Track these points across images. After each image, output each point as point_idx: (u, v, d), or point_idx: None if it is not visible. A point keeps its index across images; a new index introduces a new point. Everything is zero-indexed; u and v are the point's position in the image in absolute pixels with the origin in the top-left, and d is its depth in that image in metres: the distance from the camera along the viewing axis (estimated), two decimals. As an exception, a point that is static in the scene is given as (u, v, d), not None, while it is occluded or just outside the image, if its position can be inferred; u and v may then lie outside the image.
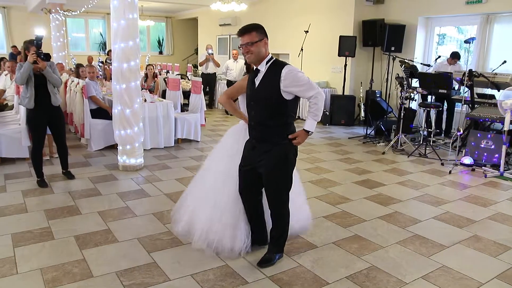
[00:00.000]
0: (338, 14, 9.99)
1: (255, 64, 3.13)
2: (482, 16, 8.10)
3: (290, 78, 2.99)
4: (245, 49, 3.05)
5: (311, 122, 3.09)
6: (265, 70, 3.09)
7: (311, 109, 3.08)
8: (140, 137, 6.00)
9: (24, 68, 4.71)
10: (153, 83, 8.97)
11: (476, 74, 6.77)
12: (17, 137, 5.99)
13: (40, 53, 4.76)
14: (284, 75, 2.99)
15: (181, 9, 16.98)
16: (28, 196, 4.84)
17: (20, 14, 15.38)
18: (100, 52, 17.10)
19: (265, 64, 3.09)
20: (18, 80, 4.77)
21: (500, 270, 3.39)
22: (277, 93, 3.01)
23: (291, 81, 2.99)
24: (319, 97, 3.04)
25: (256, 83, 3.13)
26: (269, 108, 3.08)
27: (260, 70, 3.11)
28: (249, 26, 3.07)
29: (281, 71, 3.00)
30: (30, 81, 4.82)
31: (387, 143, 7.67)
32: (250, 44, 3.02)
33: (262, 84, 3.09)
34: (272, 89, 3.03)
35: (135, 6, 5.53)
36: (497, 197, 5.13)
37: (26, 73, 4.72)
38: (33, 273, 3.21)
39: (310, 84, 3.02)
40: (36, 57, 4.71)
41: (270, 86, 3.04)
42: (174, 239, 3.82)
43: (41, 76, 4.87)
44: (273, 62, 3.10)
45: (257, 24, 3.10)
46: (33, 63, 4.72)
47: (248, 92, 3.25)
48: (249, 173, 3.30)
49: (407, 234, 4.03)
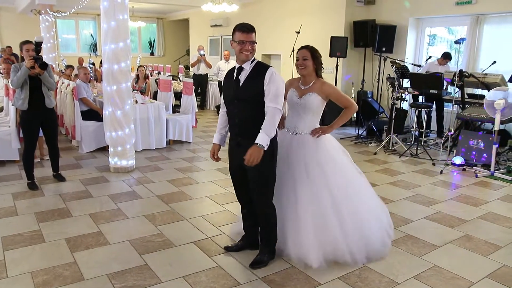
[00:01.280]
0: (329, 15, 10.02)
1: (242, 62, 3.14)
2: (472, 17, 8.16)
3: (270, 78, 3.04)
4: (248, 46, 3.07)
5: (262, 136, 3.00)
6: (249, 69, 3.13)
7: (265, 122, 3.03)
8: (132, 139, 5.97)
9: (21, 72, 4.67)
10: (144, 84, 8.93)
11: (466, 74, 6.82)
12: (7, 139, 5.94)
13: (38, 59, 4.72)
14: (268, 75, 3.04)
15: (172, 10, 16.93)
16: (19, 198, 4.79)
17: (10, 15, 15.24)
18: (91, 54, 17.00)
19: (249, 63, 3.13)
20: (14, 83, 4.73)
21: (491, 270, 3.41)
22: (261, 92, 3.06)
23: (269, 81, 3.04)
24: (274, 112, 3.01)
25: (241, 80, 3.14)
26: (253, 106, 3.10)
27: (244, 68, 3.14)
28: (252, 27, 3.12)
29: (266, 71, 3.06)
30: (25, 83, 4.79)
31: (378, 144, 7.70)
32: (253, 43, 3.08)
33: (247, 82, 3.12)
34: (256, 88, 3.07)
35: (125, 7, 5.50)
36: (488, 196, 5.16)
37: (22, 78, 4.69)
38: (23, 276, 3.18)
39: (277, 97, 3.03)
40: (33, 62, 4.67)
41: (254, 85, 3.08)
42: (165, 241, 3.80)
43: (36, 78, 4.84)
44: (257, 63, 3.16)
45: (253, 26, 3.16)
46: (30, 68, 4.68)
47: (231, 91, 3.23)
48: (237, 170, 3.32)
49: (399, 234, 4.04)
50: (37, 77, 4.84)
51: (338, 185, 3.42)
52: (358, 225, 3.42)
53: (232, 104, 3.22)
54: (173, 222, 4.25)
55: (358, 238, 3.40)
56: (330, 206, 3.35)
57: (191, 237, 3.90)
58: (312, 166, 3.39)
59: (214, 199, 4.93)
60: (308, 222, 3.33)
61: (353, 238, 3.38)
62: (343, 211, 3.38)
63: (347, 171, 3.58)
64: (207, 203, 4.82)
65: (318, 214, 3.34)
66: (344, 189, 3.44)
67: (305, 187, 3.37)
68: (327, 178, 3.40)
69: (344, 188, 3.45)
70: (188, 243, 3.77)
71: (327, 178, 3.39)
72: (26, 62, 4.68)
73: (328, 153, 3.50)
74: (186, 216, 4.40)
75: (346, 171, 3.57)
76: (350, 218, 3.39)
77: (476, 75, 6.96)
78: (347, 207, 3.40)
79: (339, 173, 3.49)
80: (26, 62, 4.67)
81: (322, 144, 3.49)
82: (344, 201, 3.40)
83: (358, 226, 3.41)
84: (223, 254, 3.58)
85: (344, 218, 3.37)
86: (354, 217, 3.41)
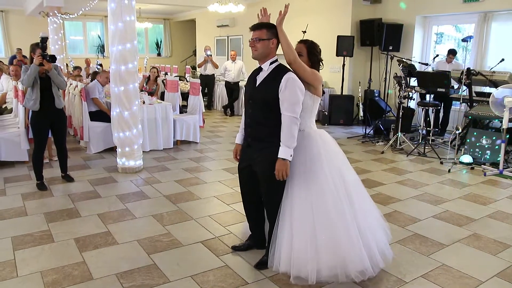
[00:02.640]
0: (336, 14, 10.01)
1: (259, 61, 3.15)
2: (480, 15, 8.11)
3: (286, 84, 2.97)
4: (251, 43, 3.09)
5: (283, 149, 2.98)
6: (267, 70, 3.11)
7: (282, 133, 2.99)
8: (139, 139, 6.00)
9: (30, 70, 4.76)
10: (155, 86, 8.96)
11: (474, 72, 6.78)
12: (17, 141, 6.00)
13: (46, 55, 4.80)
14: (284, 81, 2.98)
15: (179, 11, 16.99)
16: (28, 199, 4.84)
17: (18, 17, 15.38)
18: (98, 55, 17.10)
19: (268, 64, 3.10)
20: (24, 82, 4.82)
21: (500, 268, 3.39)
22: (275, 96, 3.02)
23: (285, 88, 2.97)
24: (291, 121, 2.96)
25: (258, 81, 3.14)
26: (267, 108, 3.08)
27: (263, 69, 3.13)
28: (262, 24, 3.10)
29: (283, 76, 3.00)
30: (36, 84, 4.87)
31: (386, 143, 7.68)
32: (257, 40, 3.05)
33: (262, 84, 3.11)
34: (271, 92, 3.03)
35: (132, 8, 5.54)
36: (496, 195, 5.13)
37: (32, 75, 4.77)
38: (33, 276, 3.21)
39: (294, 105, 2.97)
40: (42, 59, 4.75)
41: (270, 89, 3.05)
42: (173, 240, 3.82)
43: (47, 78, 4.92)
44: (277, 66, 3.10)
45: (270, 24, 3.12)
46: (39, 65, 4.76)
47: (248, 90, 3.25)
48: (246, 171, 3.33)
49: (407, 233, 4.03)
50: (47, 78, 4.91)
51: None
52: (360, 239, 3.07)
53: (248, 104, 3.24)
54: (180, 222, 4.27)
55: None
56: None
57: (198, 236, 3.92)
58: (315, 169, 3.17)
59: (221, 199, 4.95)
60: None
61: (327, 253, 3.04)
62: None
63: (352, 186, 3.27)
64: (215, 203, 4.84)
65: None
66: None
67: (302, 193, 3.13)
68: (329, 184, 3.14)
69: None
70: (196, 243, 3.79)
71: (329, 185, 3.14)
72: (34, 60, 4.77)
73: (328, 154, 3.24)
74: (193, 216, 4.42)
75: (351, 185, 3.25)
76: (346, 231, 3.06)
77: (484, 73, 6.91)
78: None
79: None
80: (35, 59, 4.76)
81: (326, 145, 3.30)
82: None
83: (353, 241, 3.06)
84: (230, 254, 3.59)
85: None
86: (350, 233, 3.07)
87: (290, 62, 3.07)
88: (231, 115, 11.20)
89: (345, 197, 3.10)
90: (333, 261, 3.03)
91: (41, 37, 4.85)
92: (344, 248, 3.01)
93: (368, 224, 3.19)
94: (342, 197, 3.08)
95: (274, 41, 3.08)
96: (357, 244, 3.02)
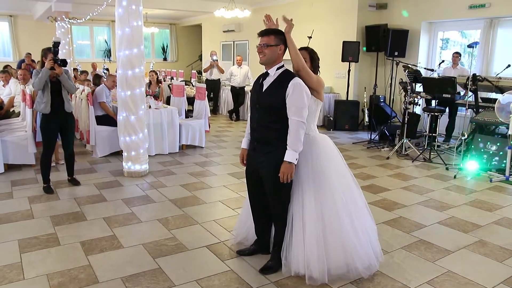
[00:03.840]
0: (341, 19, 10.03)
1: (266, 66, 3.18)
2: (486, 21, 8.11)
3: (293, 89, 3.02)
4: (259, 49, 3.13)
5: (290, 152, 3.03)
6: (274, 76, 3.14)
7: (289, 137, 3.05)
8: (145, 144, 6.03)
9: (42, 73, 4.82)
10: (157, 89, 9.01)
11: (480, 78, 6.77)
12: (24, 144, 6.05)
13: (57, 59, 4.87)
14: (291, 86, 3.03)
15: (185, 16, 17.08)
16: (35, 202, 4.88)
17: (27, 22, 15.53)
18: (105, 59, 17.21)
19: (275, 69, 3.14)
20: (35, 85, 4.88)
21: (506, 276, 3.37)
22: (282, 101, 3.06)
23: (292, 93, 3.02)
24: (298, 126, 3.02)
25: (264, 86, 3.17)
26: (273, 113, 3.12)
27: (269, 74, 3.17)
28: (270, 30, 3.15)
29: (290, 81, 3.04)
30: (47, 87, 4.93)
31: (391, 148, 7.67)
32: (265, 46, 3.09)
33: (269, 89, 3.14)
34: (277, 97, 3.08)
35: (139, 13, 5.58)
36: (502, 201, 5.11)
37: (43, 79, 4.84)
38: (39, 278, 3.24)
39: (301, 110, 3.02)
40: (53, 63, 4.81)
41: (276, 94, 3.09)
42: (178, 245, 3.84)
43: (57, 82, 4.99)
44: (284, 71, 3.14)
45: (278, 30, 3.16)
46: (51, 69, 4.82)
47: (254, 95, 3.28)
48: (252, 174, 3.35)
49: (412, 239, 4.02)
50: (58, 81, 4.97)
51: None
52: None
53: (254, 109, 3.28)
54: (186, 226, 4.28)
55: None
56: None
57: (204, 241, 3.93)
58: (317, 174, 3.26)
59: (226, 203, 4.96)
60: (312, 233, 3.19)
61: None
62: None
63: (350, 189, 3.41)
64: (220, 207, 4.85)
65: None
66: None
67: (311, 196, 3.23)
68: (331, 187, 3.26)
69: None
70: (201, 247, 3.80)
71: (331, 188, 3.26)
72: (46, 64, 4.83)
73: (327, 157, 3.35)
74: (199, 220, 4.43)
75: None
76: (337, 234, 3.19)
77: (490, 79, 6.90)
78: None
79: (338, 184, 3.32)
80: (46, 63, 4.82)
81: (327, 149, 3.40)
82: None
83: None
84: (235, 258, 3.60)
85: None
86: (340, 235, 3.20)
87: (298, 69, 3.16)
88: (237, 120, 11.23)
89: (350, 197, 3.30)
90: (343, 259, 3.19)
91: (54, 41, 4.91)
92: (353, 246, 3.19)
93: (365, 221, 3.40)
94: (348, 197, 3.27)
95: (281, 47, 3.13)
96: (364, 242, 3.23)
